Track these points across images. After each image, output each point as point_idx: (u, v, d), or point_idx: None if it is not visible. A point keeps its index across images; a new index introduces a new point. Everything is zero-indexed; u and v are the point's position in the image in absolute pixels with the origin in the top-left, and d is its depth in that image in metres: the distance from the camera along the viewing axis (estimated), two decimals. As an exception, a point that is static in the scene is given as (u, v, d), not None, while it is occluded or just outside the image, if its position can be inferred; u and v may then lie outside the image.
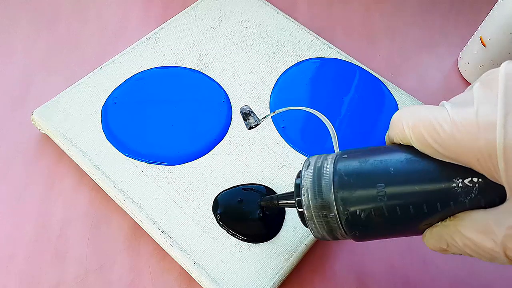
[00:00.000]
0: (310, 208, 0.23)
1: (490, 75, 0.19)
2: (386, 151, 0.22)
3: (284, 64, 0.38)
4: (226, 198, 0.31)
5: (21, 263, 0.29)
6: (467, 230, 0.20)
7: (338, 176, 0.22)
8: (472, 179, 0.19)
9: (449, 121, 0.19)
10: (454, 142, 0.19)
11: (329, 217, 0.22)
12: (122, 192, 0.30)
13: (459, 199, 0.20)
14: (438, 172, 0.20)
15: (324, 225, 0.23)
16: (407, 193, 0.20)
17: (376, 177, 0.21)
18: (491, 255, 0.19)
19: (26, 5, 0.42)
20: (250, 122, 0.28)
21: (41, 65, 0.38)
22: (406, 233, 0.22)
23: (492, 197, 0.19)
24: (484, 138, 0.18)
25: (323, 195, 0.22)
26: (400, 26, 0.44)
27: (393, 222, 0.21)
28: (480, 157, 0.18)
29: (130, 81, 0.36)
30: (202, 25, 0.39)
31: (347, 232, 0.23)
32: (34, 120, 0.33)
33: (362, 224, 0.22)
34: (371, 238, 0.23)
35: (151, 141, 0.33)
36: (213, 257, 0.28)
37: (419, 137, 0.20)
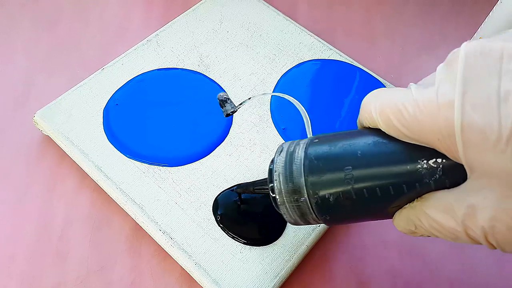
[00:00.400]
0: (282, 192, 0.23)
1: (453, 55, 0.19)
2: (356, 135, 0.22)
3: (285, 66, 0.38)
4: (227, 198, 0.31)
5: (22, 263, 0.29)
6: (431, 210, 0.20)
7: (308, 160, 0.22)
8: (436, 160, 0.19)
9: (413, 102, 0.19)
10: (417, 123, 0.19)
11: (300, 201, 0.23)
12: (124, 193, 0.30)
13: (424, 180, 0.20)
14: (404, 153, 0.20)
15: (296, 209, 0.23)
16: (373, 176, 0.21)
17: (344, 160, 0.21)
18: (454, 235, 0.19)
19: (28, 6, 0.42)
20: (227, 109, 0.28)
21: (42, 66, 0.38)
22: (376, 216, 0.23)
23: (456, 177, 0.19)
24: (443, 117, 0.18)
25: (294, 179, 0.23)
26: (400, 27, 0.44)
27: (361, 205, 0.21)
28: (440, 137, 0.18)
29: (132, 82, 0.36)
30: (203, 27, 0.40)
31: (318, 216, 0.23)
32: (36, 121, 0.33)
33: (331, 207, 0.22)
34: (343, 222, 0.24)
35: (152, 143, 0.33)
36: (214, 258, 0.29)
37: (385, 119, 0.20)
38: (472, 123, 0.17)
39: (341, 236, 0.32)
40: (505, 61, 0.17)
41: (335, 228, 0.32)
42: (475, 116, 0.17)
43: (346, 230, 0.32)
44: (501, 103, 0.17)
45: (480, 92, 0.17)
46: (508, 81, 0.17)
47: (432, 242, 0.32)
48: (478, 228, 0.18)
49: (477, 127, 0.17)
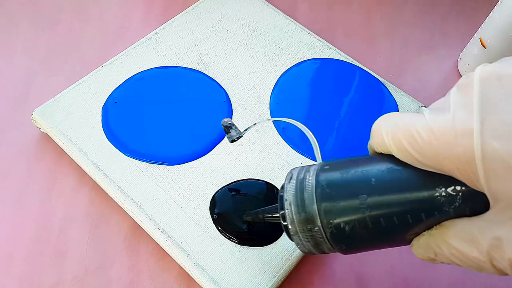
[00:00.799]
0: (294, 222, 0.22)
1: (466, 79, 0.19)
2: (368, 161, 0.22)
3: (285, 65, 0.38)
4: (224, 197, 0.31)
5: (20, 262, 0.29)
6: (452, 239, 0.19)
7: (320, 188, 0.22)
8: (455, 188, 0.19)
9: (427, 128, 0.19)
10: (432, 150, 0.18)
11: (313, 231, 0.22)
12: (122, 192, 0.30)
13: (444, 208, 0.19)
14: (420, 181, 0.20)
15: (310, 239, 0.22)
16: (389, 204, 0.20)
17: (357, 188, 0.21)
18: (478, 265, 0.19)
19: (28, 5, 0.42)
20: (232, 135, 0.28)
21: (42, 64, 0.38)
22: (393, 243, 0.22)
23: (477, 205, 0.19)
24: (462, 145, 0.17)
25: (306, 208, 0.22)
26: (400, 27, 0.44)
27: (378, 233, 0.21)
28: (459, 166, 0.18)
29: (131, 80, 0.36)
30: (202, 25, 0.39)
31: (333, 246, 0.22)
32: (35, 119, 0.33)
33: (347, 236, 0.21)
34: (358, 250, 0.23)
35: (151, 141, 0.33)
36: (213, 257, 0.29)
37: (398, 145, 0.20)
38: (494, 151, 0.17)
39: (340, 236, 0.31)
40: None
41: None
42: (496, 144, 0.17)
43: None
44: None
45: (499, 118, 0.17)
46: None
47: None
48: (505, 260, 0.18)
49: (499, 155, 0.17)
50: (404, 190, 0.20)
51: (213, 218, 0.30)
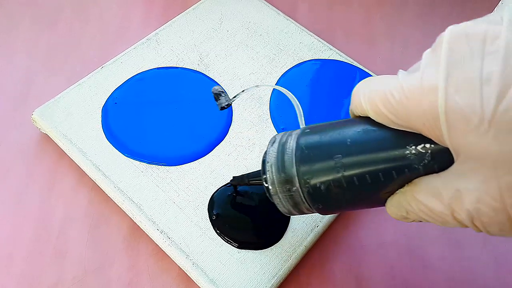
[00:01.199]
0: (274, 183, 0.23)
1: (439, 39, 0.19)
2: (346, 123, 0.22)
3: (285, 66, 0.38)
4: (223, 197, 0.31)
5: (20, 262, 0.29)
6: (420, 195, 0.20)
7: (299, 150, 0.23)
8: (425, 145, 0.19)
9: (399, 87, 0.19)
10: (403, 109, 0.19)
11: (292, 191, 0.23)
12: (122, 192, 0.30)
13: (413, 165, 0.20)
14: (392, 140, 0.20)
15: (289, 199, 0.23)
16: (362, 163, 0.21)
17: (334, 148, 0.22)
18: (442, 218, 0.20)
19: (28, 5, 0.42)
20: (221, 102, 0.28)
21: (42, 65, 0.38)
22: (368, 203, 0.23)
23: (444, 161, 0.19)
24: (427, 101, 0.18)
25: (285, 169, 0.23)
26: (400, 28, 0.44)
27: (352, 192, 0.22)
28: (425, 122, 0.18)
29: (131, 81, 0.36)
30: (203, 26, 0.39)
31: (311, 205, 0.23)
32: (35, 119, 0.33)
33: (323, 196, 0.22)
34: (336, 210, 0.24)
35: (151, 142, 0.33)
36: (212, 258, 0.29)
37: (373, 107, 0.20)
38: (455, 105, 0.17)
39: (340, 237, 0.31)
40: (488, 43, 0.17)
41: (333, 228, 0.32)
42: (458, 99, 0.17)
43: (344, 231, 0.32)
44: (483, 84, 0.17)
45: (463, 74, 0.17)
46: (490, 63, 0.17)
47: (431, 242, 0.31)
48: (464, 211, 0.18)
49: (460, 109, 0.17)
50: (376, 150, 0.21)
51: (211, 219, 0.30)
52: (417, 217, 0.21)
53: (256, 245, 0.29)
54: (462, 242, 0.32)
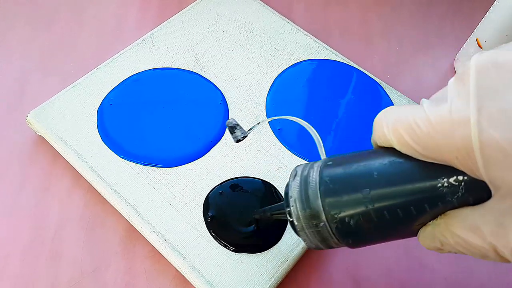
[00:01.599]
0: (300, 218, 0.22)
1: (464, 68, 0.19)
2: (370, 155, 0.22)
3: (281, 66, 0.38)
4: (218, 198, 0.31)
5: (15, 265, 0.29)
6: (456, 228, 0.19)
7: (324, 184, 0.22)
8: (458, 178, 0.19)
9: (425, 119, 0.19)
10: (432, 142, 0.18)
11: (319, 226, 0.22)
12: (118, 194, 0.30)
13: (447, 198, 0.19)
14: (422, 172, 0.20)
15: (316, 234, 0.22)
16: (392, 196, 0.20)
17: (360, 182, 0.21)
18: (482, 253, 0.19)
19: (23, 7, 0.42)
20: (237, 135, 0.28)
21: (37, 66, 0.38)
22: (400, 235, 0.22)
23: (480, 193, 0.18)
24: (459, 135, 0.17)
25: (311, 204, 0.22)
26: (396, 27, 0.44)
27: (383, 226, 0.21)
28: (458, 155, 0.18)
29: (126, 82, 0.35)
30: (198, 26, 0.39)
31: (340, 240, 0.22)
32: (30, 122, 0.33)
33: (352, 231, 0.21)
34: (366, 244, 0.23)
35: (147, 143, 0.33)
36: (209, 260, 0.28)
37: (399, 138, 0.20)
38: (491, 139, 0.17)
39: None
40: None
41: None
42: (493, 132, 0.17)
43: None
44: None
45: (496, 107, 0.17)
46: None
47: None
48: (508, 248, 0.18)
49: (496, 143, 0.17)
50: (406, 182, 0.20)
51: (206, 221, 0.30)
52: (453, 249, 0.20)
53: (253, 248, 0.29)
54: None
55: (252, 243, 0.29)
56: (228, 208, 0.30)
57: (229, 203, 0.31)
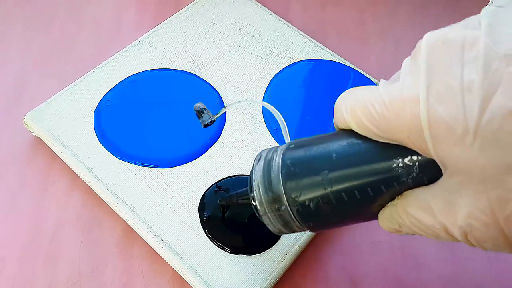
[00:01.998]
0: (262, 202, 0.23)
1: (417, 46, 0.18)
2: (331, 137, 0.22)
3: (277, 66, 0.38)
4: (214, 198, 0.31)
5: (13, 266, 0.29)
6: (410, 208, 0.19)
7: (285, 167, 0.22)
8: (412, 158, 0.19)
9: (380, 100, 0.18)
10: (385, 122, 0.18)
11: (281, 210, 0.22)
12: (115, 195, 0.30)
13: (402, 179, 0.19)
14: (378, 153, 0.20)
15: (278, 218, 0.23)
16: (349, 178, 0.20)
17: (319, 164, 0.21)
18: (434, 233, 0.19)
19: (21, 8, 0.42)
20: (205, 119, 0.27)
21: (34, 67, 0.38)
22: (360, 218, 0.22)
23: (433, 173, 0.18)
24: (409, 114, 0.17)
25: (273, 188, 0.22)
26: (393, 27, 0.44)
27: (342, 209, 0.21)
28: (409, 135, 0.18)
29: (123, 83, 0.36)
30: (195, 27, 0.39)
31: (301, 224, 0.22)
32: (27, 123, 0.33)
33: (313, 214, 0.21)
34: (327, 227, 0.23)
35: (144, 144, 0.33)
36: (206, 260, 0.28)
37: (356, 120, 0.20)
38: (438, 117, 0.17)
39: (334, 237, 0.32)
40: (467, 49, 0.17)
41: (327, 228, 0.32)
42: (440, 110, 0.17)
43: (338, 231, 0.32)
44: (465, 93, 0.16)
45: (444, 83, 0.17)
46: (470, 70, 0.16)
47: (424, 242, 0.32)
48: (456, 227, 0.18)
49: (443, 120, 0.16)
50: (362, 163, 0.20)
51: (202, 221, 0.30)
52: (410, 230, 0.20)
53: (250, 250, 0.29)
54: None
55: (248, 245, 0.29)
56: (224, 211, 0.30)
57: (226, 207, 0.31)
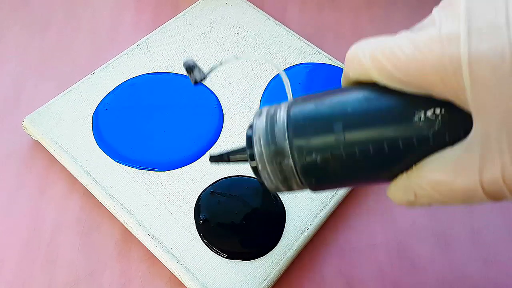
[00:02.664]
0: (263, 156, 0.21)
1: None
2: (344, 92, 0.21)
3: (275, 70, 0.38)
4: (210, 199, 0.31)
5: (11, 268, 0.29)
6: (435, 173, 0.18)
7: (292, 120, 0.21)
8: (435, 111, 0.18)
9: (410, 42, 0.18)
10: (415, 64, 0.17)
11: (283, 164, 0.21)
12: (113, 198, 0.31)
13: (422, 133, 0.18)
14: (399, 105, 0.19)
15: (278, 173, 0.21)
16: (365, 132, 0.19)
17: (333, 118, 0.20)
18: (466, 195, 0.18)
19: (19, 12, 0.42)
20: (195, 76, 0.26)
21: (33, 71, 0.38)
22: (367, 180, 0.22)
23: (457, 129, 0.18)
24: (448, 53, 0.16)
25: (276, 141, 0.21)
26: (389, 30, 0.44)
27: (351, 166, 0.20)
28: (444, 76, 0.17)
29: (121, 87, 0.36)
30: (193, 31, 0.40)
31: (303, 180, 0.21)
32: (25, 126, 0.33)
33: (318, 169, 0.20)
34: (328, 186, 0.22)
35: (142, 147, 0.33)
36: (203, 262, 0.29)
37: (378, 65, 0.19)
38: (481, 54, 0.16)
39: (330, 239, 0.32)
40: None
41: (323, 231, 0.32)
42: (483, 47, 0.16)
43: (334, 233, 0.32)
44: (511, 29, 0.15)
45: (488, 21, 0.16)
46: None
47: (420, 243, 0.32)
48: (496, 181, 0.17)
49: (486, 58, 0.16)
50: (381, 115, 0.19)
51: (197, 224, 0.30)
52: (429, 199, 0.19)
53: (246, 256, 0.29)
54: (451, 243, 0.32)
55: (244, 251, 0.29)
56: (219, 209, 0.31)
57: (221, 204, 0.31)
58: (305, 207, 0.31)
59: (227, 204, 0.31)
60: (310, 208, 0.31)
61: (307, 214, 0.31)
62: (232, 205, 0.31)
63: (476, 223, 0.33)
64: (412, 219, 0.33)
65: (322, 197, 0.32)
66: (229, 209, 0.31)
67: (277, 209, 0.31)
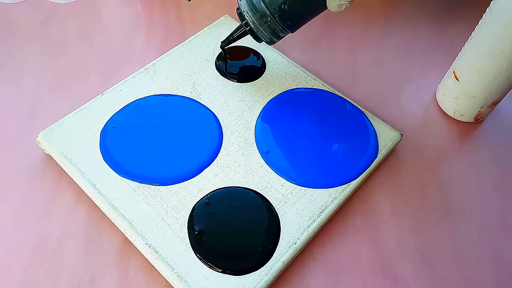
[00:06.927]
0: (254, 22, 0.35)
1: None
2: None
3: (271, 94, 0.41)
4: (204, 209, 0.33)
5: (19, 273, 0.31)
6: None
7: None
8: None
9: None
10: None
11: (268, 21, 0.35)
12: (115, 209, 0.33)
13: None
14: None
15: (268, 29, 0.35)
16: None
17: None
18: None
19: (38, 37, 0.46)
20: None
21: (48, 91, 0.41)
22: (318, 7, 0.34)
23: None
24: None
25: (257, 8, 0.34)
26: (382, 59, 0.47)
27: (304, 3, 0.33)
28: None
29: (129, 107, 0.39)
30: (197, 57, 0.43)
31: (283, 26, 0.35)
32: (39, 141, 0.36)
33: (288, 13, 0.34)
34: (300, 22, 0.35)
35: (145, 163, 0.35)
36: (196, 271, 0.31)
37: None
38: None
39: (317, 253, 0.33)
40: None
41: (311, 245, 0.34)
42: None
43: (322, 248, 0.34)
44: None
45: None
46: None
47: (404, 261, 0.33)
48: None
49: None
50: None
51: (191, 235, 0.32)
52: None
53: (236, 272, 0.31)
54: (434, 262, 0.33)
55: (234, 267, 0.31)
56: (214, 221, 0.33)
57: (215, 215, 0.33)
58: (294, 222, 0.33)
59: (221, 215, 0.33)
60: (299, 223, 0.33)
61: (295, 229, 0.33)
62: (226, 216, 0.33)
63: (459, 243, 0.34)
64: (397, 237, 0.35)
65: (311, 214, 0.34)
66: (223, 221, 0.33)
67: (274, 224, 0.33)
